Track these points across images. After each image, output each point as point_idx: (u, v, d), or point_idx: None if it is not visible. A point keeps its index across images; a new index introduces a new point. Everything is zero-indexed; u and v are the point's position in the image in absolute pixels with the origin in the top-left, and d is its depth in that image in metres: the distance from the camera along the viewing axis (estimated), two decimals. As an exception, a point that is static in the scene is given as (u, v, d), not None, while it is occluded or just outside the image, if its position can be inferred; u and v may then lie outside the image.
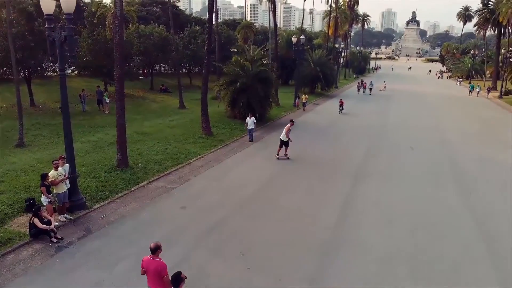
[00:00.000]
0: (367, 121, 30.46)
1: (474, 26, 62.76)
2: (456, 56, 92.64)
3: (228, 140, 22.29)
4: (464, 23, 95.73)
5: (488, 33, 62.67)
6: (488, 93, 48.86)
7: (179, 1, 66.42)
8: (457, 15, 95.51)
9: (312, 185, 15.33)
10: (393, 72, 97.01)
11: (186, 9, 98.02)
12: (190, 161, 17.93)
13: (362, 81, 53.94)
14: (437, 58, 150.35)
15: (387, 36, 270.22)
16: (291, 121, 19.24)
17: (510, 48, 44.30)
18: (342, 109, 32.83)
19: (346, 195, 14.45)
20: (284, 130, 18.45)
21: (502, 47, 55.31)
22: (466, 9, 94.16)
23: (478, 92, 49.17)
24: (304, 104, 34.66)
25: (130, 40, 36.90)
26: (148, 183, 14.87)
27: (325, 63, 46.86)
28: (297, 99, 35.39)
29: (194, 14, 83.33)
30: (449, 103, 43.30)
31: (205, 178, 15.91)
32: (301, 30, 61.87)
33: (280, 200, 13.66)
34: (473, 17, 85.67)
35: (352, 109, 35.58)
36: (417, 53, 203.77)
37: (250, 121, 21.79)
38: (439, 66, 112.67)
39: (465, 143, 23.80)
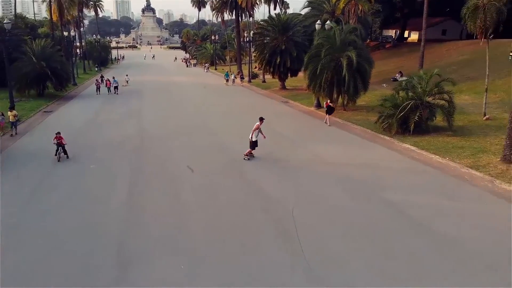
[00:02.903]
0: (120, 131, 22.67)
1: (213, 10, 62.30)
2: (197, 43, 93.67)
3: None
4: (199, 9, 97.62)
5: (227, 17, 63.51)
6: (242, 80, 48.42)
7: None
8: (192, 1, 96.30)
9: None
10: (139, 62, 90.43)
11: None
12: None
13: (102, 77, 45.02)
14: (178, 45, 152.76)
15: (125, 25, 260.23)
16: (261, 118, 16.57)
17: (252, 31, 44.15)
18: (63, 152, 16.89)
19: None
20: (252, 130, 16.16)
21: (244, 30, 56.21)
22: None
23: (234, 80, 48.07)
24: (13, 124, 21.62)
25: None
26: None
27: (53, 56, 36.34)
28: (0, 117, 21.75)
29: None
30: (209, 94, 39.83)
31: None
32: (17, 16, 47.36)
33: None
34: (206, 3, 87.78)
35: (95, 119, 26.42)
36: (158, 41, 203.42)
37: None
38: (182, 53, 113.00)
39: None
